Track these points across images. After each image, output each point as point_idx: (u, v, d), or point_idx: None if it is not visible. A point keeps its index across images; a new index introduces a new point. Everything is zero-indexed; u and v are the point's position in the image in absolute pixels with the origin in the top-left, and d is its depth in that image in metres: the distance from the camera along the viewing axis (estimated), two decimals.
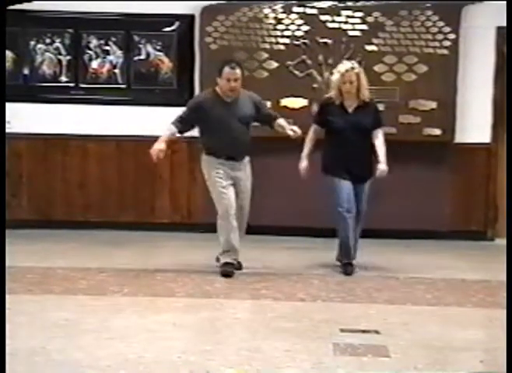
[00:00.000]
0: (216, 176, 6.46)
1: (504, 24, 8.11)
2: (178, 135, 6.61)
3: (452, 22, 8.13)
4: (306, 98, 8.23)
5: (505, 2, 7.89)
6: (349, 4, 8.18)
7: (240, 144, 6.46)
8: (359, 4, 8.18)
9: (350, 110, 6.60)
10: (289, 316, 5.43)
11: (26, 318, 5.18)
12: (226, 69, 6.38)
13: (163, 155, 6.45)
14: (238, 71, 6.40)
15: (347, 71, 6.51)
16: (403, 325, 5.26)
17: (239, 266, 6.63)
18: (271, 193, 8.15)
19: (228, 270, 6.44)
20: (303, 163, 6.63)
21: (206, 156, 6.56)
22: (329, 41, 8.19)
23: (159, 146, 6.40)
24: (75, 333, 4.91)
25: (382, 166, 6.54)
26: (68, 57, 8.49)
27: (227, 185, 6.45)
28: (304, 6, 8.19)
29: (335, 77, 6.60)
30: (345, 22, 8.19)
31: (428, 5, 8.16)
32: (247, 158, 6.57)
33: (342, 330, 5.07)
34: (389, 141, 6.79)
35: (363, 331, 5.08)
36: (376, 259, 7.31)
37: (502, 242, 8.34)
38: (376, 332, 5.05)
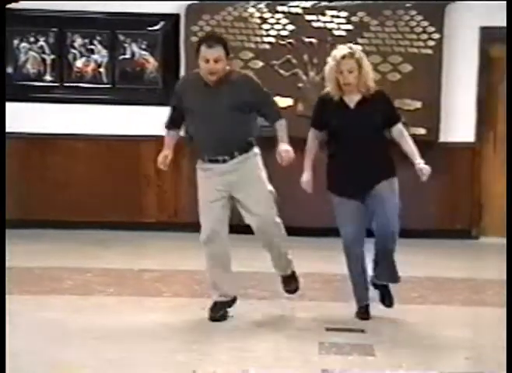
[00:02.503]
0: (202, 187, 5.26)
1: (487, 24, 8.20)
2: (176, 133, 5.41)
3: (436, 22, 8.16)
4: (291, 97, 8.24)
5: (488, 2, 7.98)
6: (334, 3, 8.20)
7: (229, 139, 5.12)
8: (343, 3, 8.20)
9: (352, 105, 5.26)
10: (275, 315, 5.45)
11: (11, 318, 5.14)
12: (203, 48, 5.04)
13: (168, 162, 5.29)
14: (219, 48, 5.04)
15: (343, 57, 5.15)
16: (389, 323, 5.28)
17: (231, 301, 5.39)
18: None
19: (213, 316, 5.23)
20: (306, 176, 5.36)
21: (197, 159, 5.33)
22: (314, 41, 8.21)
23: (164, 152, 5.30)
24: (61, 333, 4.91)
25: (422, 165, 5.30)
26: (53, 56, 8.45)
27: (214, 200, 5.19)
28: (288, 6, 8.20)
29: (329, 66, 5.22)
30: (330, 22, 8.21)
31: (409, 5, 8.18)
32: (245, 155, 5.21)
33: (328, 329, 5.09)
34: None
35: (349, 330, 5.10)
36: None
37: (486, 240, 8.42)
38: (362, 331, 5.07)
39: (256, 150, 5.28)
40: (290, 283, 5.62)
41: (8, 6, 8.05)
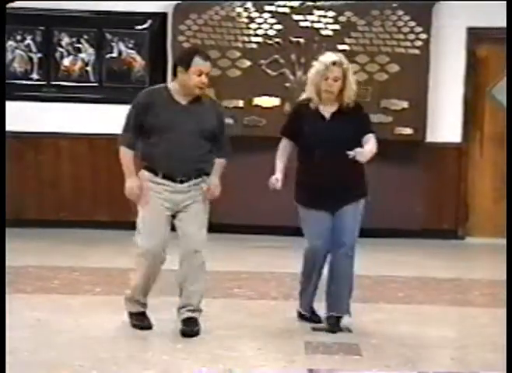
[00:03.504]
0: (150, 201, 4.95)
1: (474, 24, 8.23)
2: (133, 154, 5.10)
3: (423, 22, 8.18)
4: (278, 97, 8.25)
5: (475, 3, 8.01)
6: (321, 3, 8.21)
7: (191, 162, 4.88)
8: (331, 3, 8.21)
9: (328, 116, 5.04)
10: (261, 315, 5.45)
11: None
12: (197, 59, 4.82)
13: (139, 191, 4.97)
14: (210, 63, 4.93)
15: (334, 63, 4.94)
16: (375, 323, 5.30)
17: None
18: (243, 191, 8.15)
19: (141, 325, 5.01)
20: (276, 175, 5.10)
21: (144, 171, 5.00)
22: (302, 40, 8.21)
23: (132, 183, 4.99)
24: (48, 333, 4.90)
25: (359, 149, 4.91)
26: (40, 55, 8.43)
27: (160, 217, 4.96)
28: (276, 5, 8.20)
29: (316, 69, 4.99)
30: (318, 22, 8.22)
31: (395, 5, 8.20)
32: (200, 179, 4.96)
33: (314, 329, 5.09)
34: None
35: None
36: None
37: (472, 240, 8.46)
38: (349, 330, 5.07)
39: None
40: (189, 325, 4.99)
41: None
